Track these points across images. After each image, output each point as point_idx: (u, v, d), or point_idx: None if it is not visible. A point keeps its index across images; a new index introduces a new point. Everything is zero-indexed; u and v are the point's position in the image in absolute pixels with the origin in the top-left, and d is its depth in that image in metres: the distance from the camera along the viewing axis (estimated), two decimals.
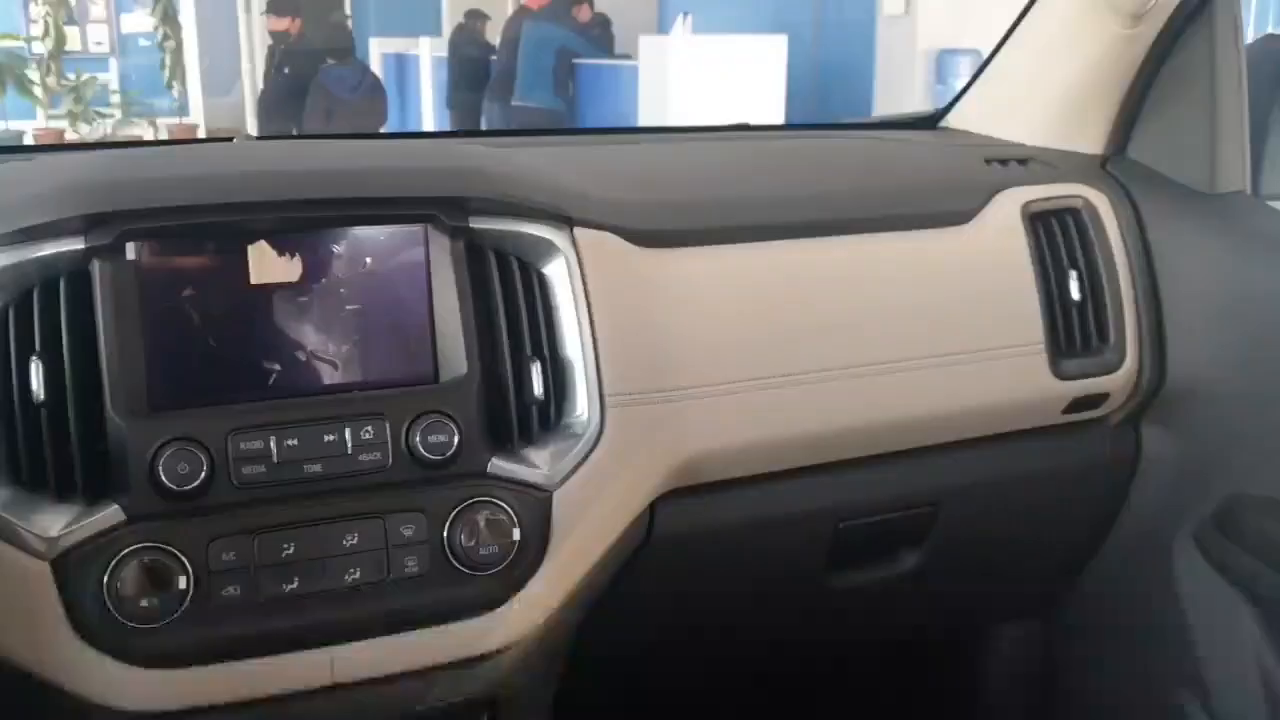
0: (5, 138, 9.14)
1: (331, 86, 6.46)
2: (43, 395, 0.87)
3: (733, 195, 1.20)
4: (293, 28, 6.41)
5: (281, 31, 6.50)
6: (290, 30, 6.43)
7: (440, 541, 0.94)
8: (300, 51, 6.59)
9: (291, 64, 6.38)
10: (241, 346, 0.93)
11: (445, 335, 0.97)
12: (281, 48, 6.49)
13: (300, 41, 6.49)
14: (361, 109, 6.58)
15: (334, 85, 6.53)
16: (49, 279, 0.89)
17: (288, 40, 6.48)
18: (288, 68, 6.39)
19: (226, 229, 0.92)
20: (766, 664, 1.54)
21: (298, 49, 6.60)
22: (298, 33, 6.46)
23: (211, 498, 0.88)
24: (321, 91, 6.34)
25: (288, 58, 6.46)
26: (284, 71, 6.41)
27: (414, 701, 0.95)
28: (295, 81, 6.29)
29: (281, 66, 6.43)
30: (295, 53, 6.54)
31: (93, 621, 0.86)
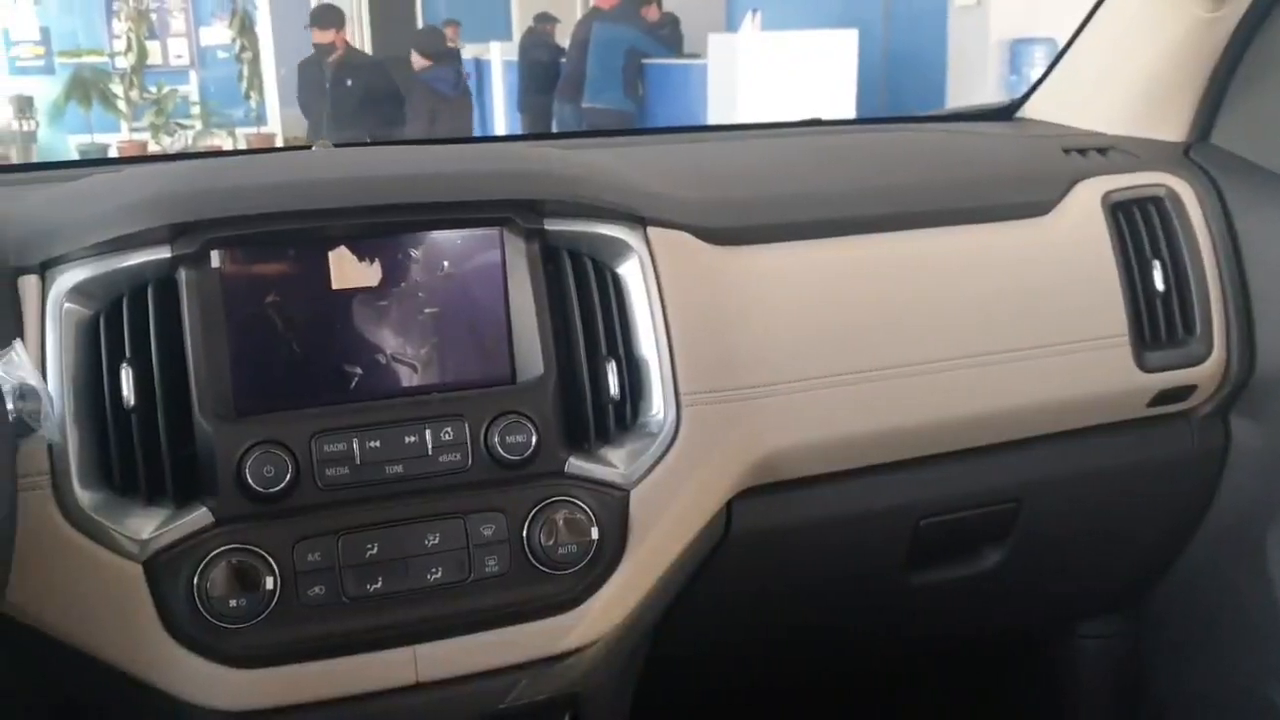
0: (91, 150, 9.39)
1: (436, 86, 6.74)
2: (133, 401, 0.89)
3: (805, 190, 1.19)
4: (338, 40, 6.42)
5: (326, 44, 6.51)
6: (335, 42, 6.44)
7: (520, 541, 0.94)
8: (364, 63, 6.61)
9: (354, 75, 6.39)
10: (323, 350, 0.95)
11: (522, 336, 0.98)
12: (334, 59, 6.47)
13: (348, 53, 6.50)
14: (461, 105, 7.03)
15: (439, 85, 6.83)
16: (137, 287, 0.91)
17: (332, 52, 6.49)
18: (350, 79, 6.39)
19: (308, 235, 0.94)
20: (844, 663, 1.53)
21: (360, 60, 6.63)
22: (342, 44, 6.48)
23: (297, 499, 0.90)
24: (426, 90, 6.55)
25: (347, 69, 6.45)
26: (345, 84, 6.40)
27: (496, 700, 0.96)
28: (358, 91, 6.30)
29: (342, 79, 6.42)
30: (359, 64, 6.55)
31: (183, 621, 0.88)
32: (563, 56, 8.18)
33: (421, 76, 6.68)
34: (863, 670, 1.62)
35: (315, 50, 6.75)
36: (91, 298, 0.91)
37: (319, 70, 6.66)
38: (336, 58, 6.42)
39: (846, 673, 1.61)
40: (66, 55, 10.30)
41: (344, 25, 6.56)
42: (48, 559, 0.85)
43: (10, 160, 7.93)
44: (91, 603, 0.87)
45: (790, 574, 1.19)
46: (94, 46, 10.39)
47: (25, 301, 0.90)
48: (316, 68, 6.75)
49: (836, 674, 1.61)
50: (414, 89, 6.68)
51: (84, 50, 10.24)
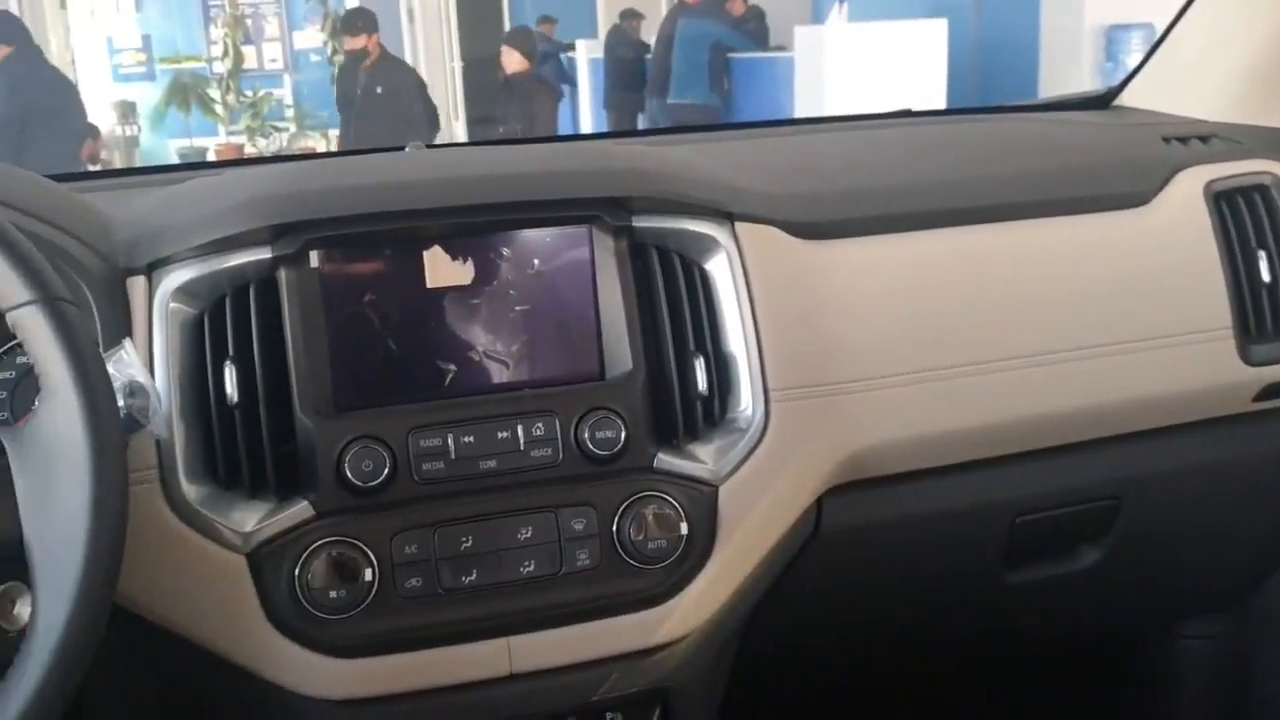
0: (190, 153, 9.66)
1: (551, 81, 6.96)
2: (236, 398, 0.91)
3: (895, 183, 1.18)
4: (369, 45, 6.23)
5: (359, 50, 6.33)
6: (367, 47, 6.26)
7: (610, 535, 0.95)
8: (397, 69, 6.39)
9: (386, 81, 6.19)
10: (419, 348, 0.96)
11: (611, 332, 0.99)
12: (367, 65, 6.26)
13: (382, 58, 6.23)
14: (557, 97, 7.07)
15: (554, 80, 7.06)
16: (240, 287, 0.94)
17: (365, 58, 6.27)
18: (380, 86, 6.17)
19: (403, 235, 0.96)
20: (934, 664, 1.51)
21: (394, 65, 6.39)
22: (375, 49, 6.33)
23: (394, 493, 0.92)
24: (545, 87, 6.59)
25: (379, 75, 6.23)
26: (375, 90, 6.18)
27: (588, 692, 0.97)
28: (389, 98, 6.12)
29: (373, 85, 6.21)
30: (392, 70, 6.31)
31: (285, 612, 0.90)
32: (648, 53, 8.19)
33: (543, 74, 6.62)
34: (953, 671, 1.60)
35: (347, 57, 6.63)
36: (196, 297, 0.94)
37: (354, 76, 6.50)
38: (370, 63, 6.26)
39: (936, 673, 1.59)
40: (166, 61, 10.63)
41: (376, 29, 6.32)
42: (156, 551, 0.88)
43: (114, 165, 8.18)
44: (197, 593, 0.90)
45: (881, 572, 1.18)
46: (192, 52, 10.70)
47: (133, 302, 0.93)
48: (351, 74, 6.59)
49: (926, 674, 1.59)
50: (539, 86, 6.58)
51: (183, 56, 10.55)
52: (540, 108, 6.41)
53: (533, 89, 6.48)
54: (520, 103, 6.44)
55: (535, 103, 6.42)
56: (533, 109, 6.36)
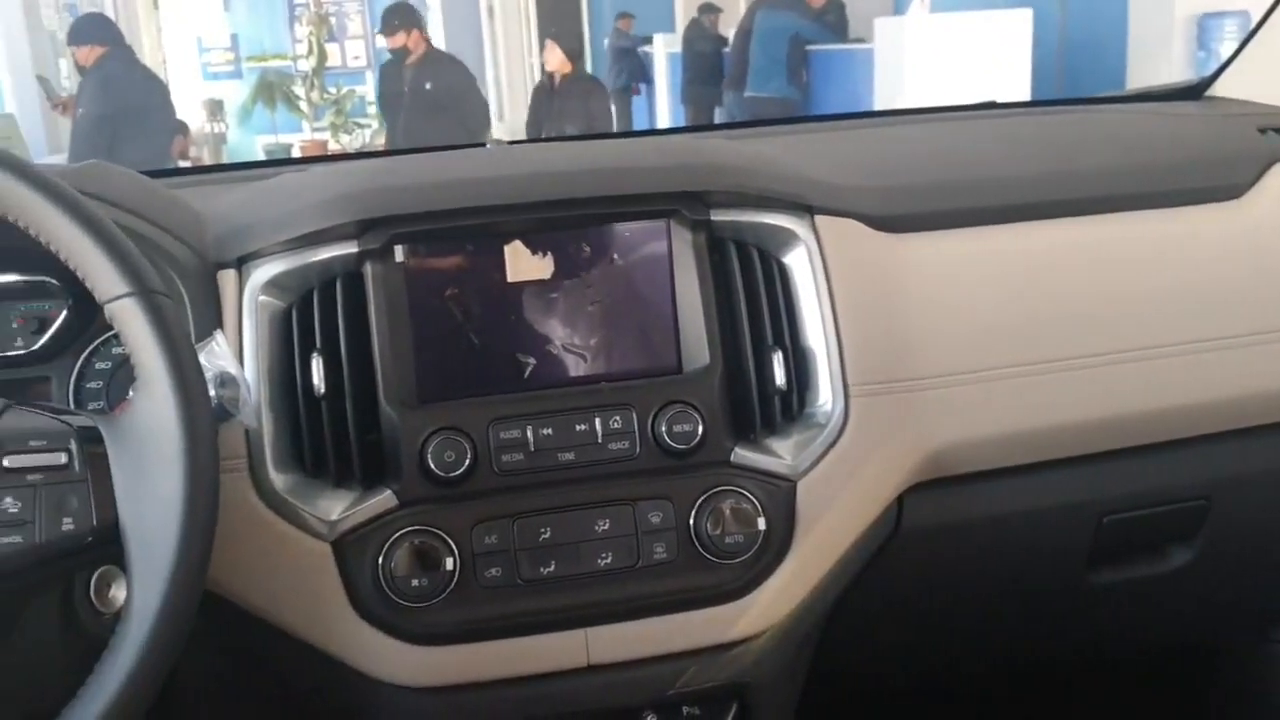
0: (276, 150, 9.85)
1: (599, 80, 6.79)
2: (323, 389, 0.93)
3: (979, 176, 1.16)
4: (411, 41, 5.99)
5: (400, 48, 6.08)
6: (408, 44, 6.01)
7: (687, 529, 0.95)
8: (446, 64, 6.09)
9: (434, 78, 5.91)
10: (499, 341, 0.97)
11: (688, 326, 0.99)
12: (411, 61, 6.00)
13: (428, 54, 5.99)
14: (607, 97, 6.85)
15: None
16: (327, 281, 0.96)
17: (408, 56, 6.00)
18: (429, 82, 5.90)
19: (485, 230, 0.97)
20: (1013, 665, 1.48)
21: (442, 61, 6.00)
22: (419, 45, 6.12)
23: (474, 484, 0.93)
24: (595, 87, 6.36)
25: (426, 72, 5.95)
26: (424, 87, 5.92)
27: (666, 685, 0.97)
28: (441, 94, 5.86)
29: (421, 82, 5.95)
30: (439, 66, 6.03)
31: (368, 599, 0.92)
32: (726, 47, 8.16)
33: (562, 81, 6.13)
34: (1033, 673, 1.57)
35: (391, 55, 6.37)
36: (285, 290, 0.96)
37: (398, 74, 6.25)
38: (415, 60, 6.02)
39: (1015, 675, 1.57)
40: (253, 60, 10.86)
41: (418, 24, 6.04)
42: (244, 538, 0.90)
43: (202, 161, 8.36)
44: (283, 579, 0.92)
45: (962, 571, 1.17)
46: (278, 51, 10.91)
47: (224, 295, 0.95)
48: (395, 72, 6.35)
49: (1005, 676, 1.56)
50: (595, 87, 6.33)
51: (269, 55, 10.76)
52: (588, 108, 6.09)
53: (579, 89, 6.16)
54: (565, 104, 6.13)
55: (580, 103, 6.10)
56: (577, 110, 6.06)
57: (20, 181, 0.71)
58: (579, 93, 6.10)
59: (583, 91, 6.12)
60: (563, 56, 6.07)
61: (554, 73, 6.12)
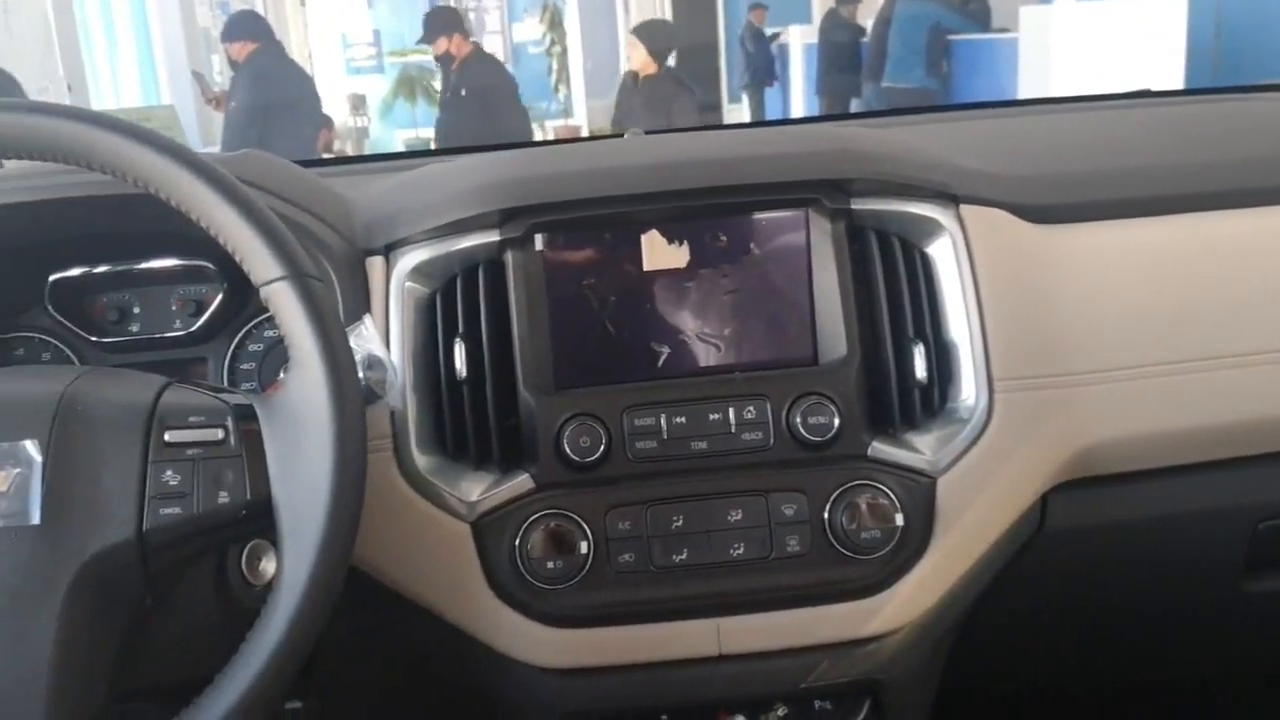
0: (416, 143, 10.07)
1: (685, 81, 6.05)
2: (464, 373, 0.95)
3: (1132, 166, 1.12)
4: (452, 46, 5.80)
5: (444, 54, 5.89)
6: (452, 50, 5.82)
7: (821, 522, 0.94)
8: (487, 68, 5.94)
9: (471, 83, 5.71)
10: (635, 329, 0.98)
11: (825, 317, 0.98)
12: (455, 67, 5.80)
13: (472, 56, 5.76)
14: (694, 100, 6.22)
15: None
16: (469, 268, 0.98)
17: (452, 61, 5.80)
18: (465, 88, 5.71)
19: (623, 219, 0.97)
20: (1156, 674, 1.43)
21: (483, 65, 5.88)
22: (461, 50, 5.93)
23: (609, 470, 0.94)
24: (679, 89, 5.80)
25: (465, 77, 5.75)
26: (460, 93, 5.74)
27: (797, 679, 0.96)
28: (473, 100, 5.66)
29: (459, 88, 5.77)
30: (480, 70, 5.83)
31: (505, 580, 0.93)
32: (863, 37, 8.04)
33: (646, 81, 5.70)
34: (1176, 684, 1.51)
35: (437, 62, 6.18)
36: (429, 277, 0.98)
37: (446, 79, 6.06)
38: (456, 65, 5.80)
39: (1157, 684, 1.51)
40: (395, 55, 11.11)
41: (459, 28, 5.93)
42: (387, 516, 0.93)
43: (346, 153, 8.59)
44: (424, 558, 0.94)
45: (1108, 575, 1.13)
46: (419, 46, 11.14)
47: (372, 280, 0.98)
48: (445, 77, 6.13)
49: (1146, 685, 1.50)
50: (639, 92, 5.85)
51: (410, 50, 10.98)
52: (670, 109, 5.60)
53: (662, 90, 5.70)
54: (648, 104, 5.69)
55: (663, 104, 5.63)
56: (659, 111, 5.59)
57: (184, 168, 0.74)
58: (661, 94, 5.68)
59: (665, 93, 5.67)
60: (646, 56, 5.70)
61: (637, 71, 5.76)
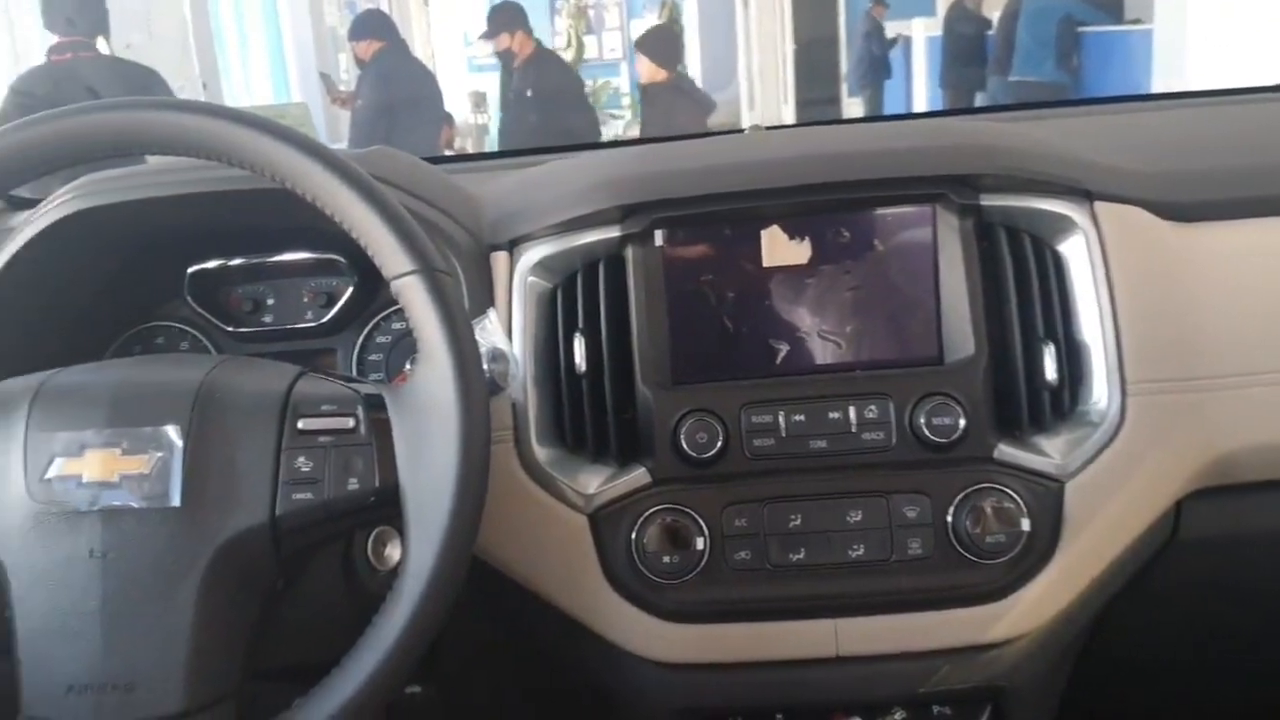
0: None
1: (691, 91, 6.03)
2: (584, 367, 0.96)
3: (1275, 162, 1.07)
4: (514, 43, 5.75)
5: (505, 51, 5.85)
6: (513, 48, 5.77)
7: (944, 525, 0.93)
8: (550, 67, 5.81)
9: (537, 83, 5.64)
10: (753, 325, 0.98)
11: (951, 315, 0.96)
12: (517, 65, 5.75)
13: (535, 56, 5.69)
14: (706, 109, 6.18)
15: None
16: (590, 264, 0.99)
17: (513, 59, 5.75)
18: (530, 89, 5.64)
19: (744, 215, 0.97)
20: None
21: (547, 64, 5.80)
22: (524, 48, 5.83)
23: (725, 466, 0.94)
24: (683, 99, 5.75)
25: (529, 76, 5.67)
26: (526, 95, 5.66)
27: (916, 683, 0.95)
28: (538, 101, 5.58)
29: (523, 87, 5.69)
30: (543, 69, 5.72)
31: (622, 573, 0.94)
32: (989, 29, 7.86)
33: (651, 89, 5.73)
34: None
35: (499, 59, 6.12)
36: (551, 272, 0.99)
37: (508, 77, 6.02)
38: (520, 63, 5.76)
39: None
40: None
41: (521, 25, 5.80)
42: (507, 506, 0.94)
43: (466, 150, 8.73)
44: (543, 549, 0.95)
45: (1245, 587, 1.08)
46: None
47: (496, 275, 0.99)
48: (507, 75, 6.09)
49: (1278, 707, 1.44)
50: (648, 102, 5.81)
51: None
52: (671, 120, 5.59)
53: (663, 99, 5.71)
54: (654, 112, 5.78)
55: (664, 113, 5.65)
56: (662, 121, 5.62)
57: (321, 165, 0.76)
58: (663, 101, 5.75)
59: (665, 100, 5.72)
60: (652, 66, 5.75)
61: (646, 84, 5.87)
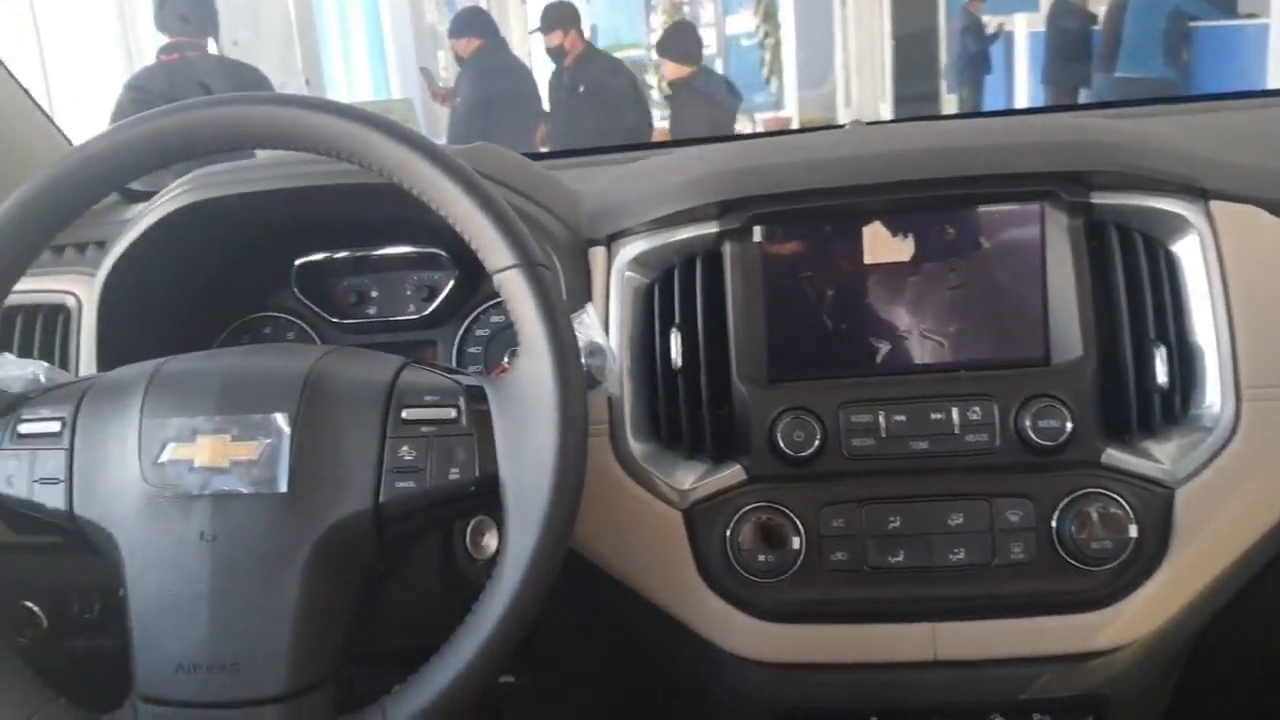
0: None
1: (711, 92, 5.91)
2: (679, 363, 0.96)
3: None
4: (566, 41, 5.65)
5: (556, 47, 5.76)
6: (564, 45, 5.68)
7: (1048, 530, 0.91)
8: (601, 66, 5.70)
9: (587, 81, 5.58)
10: (853, 323, 0.97)
11: (1059, 316, 0.94)
12: (567, 63, 5.67)
13: (585, 54, 5.64)
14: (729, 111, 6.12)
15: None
16: (687, 259, 0.98)
17: (565, 55, 5.65)
18: (582, 85, 5.58)
19: (844, 211, 0.96)
20: None
21: (597, 63, 5.75)
22: (575, 46, 5.80)
23: (823, 465, 0.93)
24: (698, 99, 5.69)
25: (579, 74, 5.59)
26: (578, 91, 5.60)
27: (1016, 690, 0.93)
28: (590, 99, 5.52)
29: (574, 85, 5.63)
30: (593, 68, 5.66)
31: (716, 570, 0.94)
32: (1095, 24, 7.67)
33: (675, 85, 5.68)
34: None
35: (549, 55, 6.01)
36: (648, 267, 0.99)
37: (558, 76, 5.94)
38: (569, 61, 5.70)
39: None
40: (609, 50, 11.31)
41: (575, 24, 5.75)
42: (602, 500, 0.94)
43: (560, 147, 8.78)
44: (637, 543, 0.95)
45: None
46: (633, 40, 11.30)
47: (594, 270, 1.00)
48: (557, 73, 5.99)
49: None
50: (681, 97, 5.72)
51: (624, 45, 11.17)
52: (685, 117, 5.60)
53: (680, 96, 5.70)
54: (674, 111, 5.76)
55: (681, 111, 5.65)
56: (682, 117, 5.61)
57: (428, 160, 0.77)
58: (680, 99, 5.77)
59: (682, 98, 5.74)
60: (673, 64, 5.77)
61: (670, 80, 5.86)
